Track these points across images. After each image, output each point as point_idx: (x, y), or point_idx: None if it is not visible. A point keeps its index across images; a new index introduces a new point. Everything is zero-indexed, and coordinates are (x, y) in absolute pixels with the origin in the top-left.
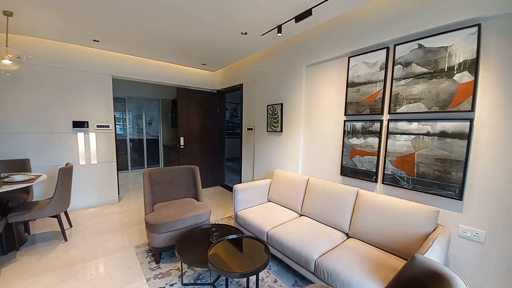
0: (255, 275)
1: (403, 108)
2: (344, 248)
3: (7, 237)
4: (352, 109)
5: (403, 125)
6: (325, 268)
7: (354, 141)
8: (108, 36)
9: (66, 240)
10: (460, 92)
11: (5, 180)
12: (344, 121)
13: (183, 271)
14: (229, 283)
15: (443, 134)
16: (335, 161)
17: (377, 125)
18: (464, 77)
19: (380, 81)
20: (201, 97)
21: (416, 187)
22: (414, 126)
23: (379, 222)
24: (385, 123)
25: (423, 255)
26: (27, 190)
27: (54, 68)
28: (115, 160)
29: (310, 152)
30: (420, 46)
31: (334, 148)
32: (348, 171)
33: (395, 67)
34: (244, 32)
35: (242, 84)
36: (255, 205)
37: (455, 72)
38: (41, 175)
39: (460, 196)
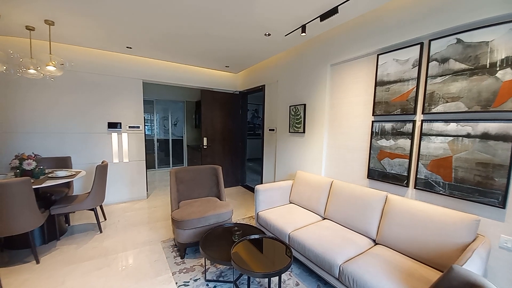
0: (277, 277)
1: (439, 108)
2: (371, 255)
3: (49, 227)
4: (381, 109)
5: (439, 126)
6: (351, 274)
7: (383, 142)
8: (140, 42)
9: (101, 231)
10: (504, 90)
11: (49, 175)
12: (372, 121)
13: (206, 268)
14: (250, 282)
15: (485, 136)
16: (362, 163)
17: (409, 126)
18: (507, 74)
19: (412, 79)
20: (223, 99)
21: (453, 194)
22: (452, 127)
23: (410, 229)
24: (418, 123)
25: (461, 266)
26: (68, 185)
27: (92, 74)
28: (144, 159)
29: (334, 154)
30: (459, 40)
31: (360, 150)
32: (375, 174)
33: (430, 63)
34: (267, 33)
35: (264, 85)
36: (277, 206)
37: (497, 68)
38: (80, 171)
39: (503, 204)
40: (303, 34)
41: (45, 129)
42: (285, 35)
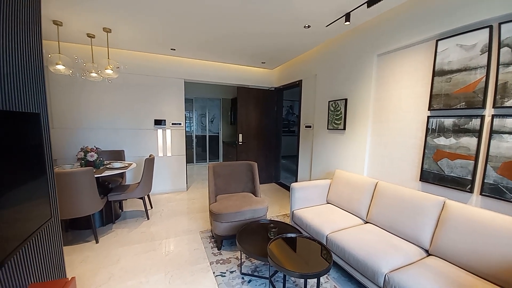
0: (315, 279)
1: None
2: (423, 267)
3: (107, 212)
4: (439, 102)
5: None
6: (398, 285)
7: (441, 141)
8: (183, 44)
9: (148, 218)
10: None
11: (107, 166)
12: (428, 117)
13: (241, 261)
14: (286, 281)
15: None
16: (412, 164)
17: (476, 122)
18: None
19: (481, 67)
20: (259, 95)
21: None
22: None
23: (473, 241)
24: (487, 119)
25: None
26: (122, 175)
27: (140, 75)
28: (185, 153)
29: (378, 152)
30: None
31: (412, 149)
32: (430, 177)
33: (501, 49)
34: (307, 25)
35: (301, 80)
36: (313, 205)
37: None
38: (132, 163)
39: None
40: (347, 23)
41: (103, 125)
42: (326, 26)
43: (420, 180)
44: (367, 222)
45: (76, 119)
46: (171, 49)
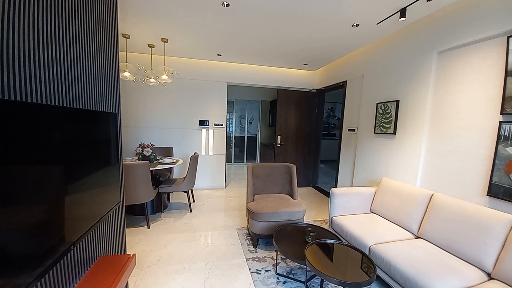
0: None
1: None
2: None
3: (157, 202)
4: None
5: None
6: None
7: None
8: (228, 50)
9: (191, 211)
10: None
11: (159, 161)
12: (500, 122)
13: (277, 262)
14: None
15: None
16: (479, 176)
17: None
18: None
19: None
20: (299, 97)
21: None
22: None
23: None
24: None
25: None
26: (170, 170)
27: (189, 80)
28: (224, 153)
29: (435, 161)
30: None
31: (478, 159)
32: (500, 192)
33: None
34: (355, 24)
35: (346, 81)
36: (355, 213)
37: None
38: (179, 159)
39: None
40: (402, 19)
41: (156, 125)
42: (377, 23)
43: (487, 195)
44: (418, 237)
45: (134, 119)
46: (217, 54)
